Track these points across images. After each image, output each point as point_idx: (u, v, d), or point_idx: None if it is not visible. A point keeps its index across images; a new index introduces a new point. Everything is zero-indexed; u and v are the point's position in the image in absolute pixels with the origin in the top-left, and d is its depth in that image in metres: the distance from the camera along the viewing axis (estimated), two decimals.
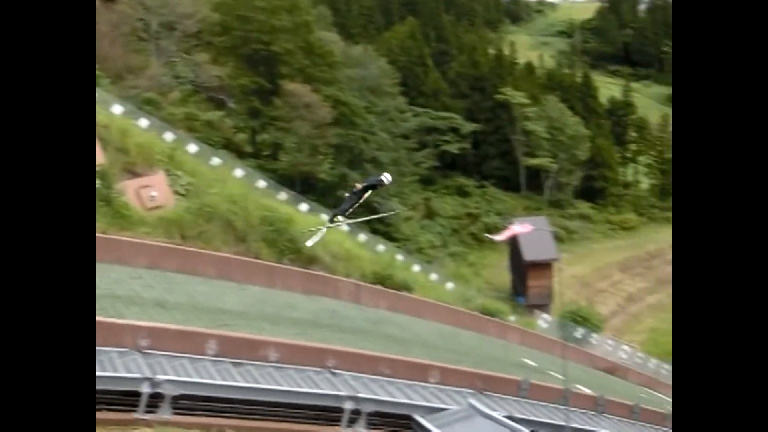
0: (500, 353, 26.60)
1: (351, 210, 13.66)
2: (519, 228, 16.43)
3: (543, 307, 53.66)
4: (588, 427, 17.46)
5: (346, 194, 13.88)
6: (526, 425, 14.12)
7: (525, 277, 57.79)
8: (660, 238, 75.96)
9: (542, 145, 73.40)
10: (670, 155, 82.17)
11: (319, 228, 15.72)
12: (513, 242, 58.41)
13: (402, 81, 72.16)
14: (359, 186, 13.85)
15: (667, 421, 21.59)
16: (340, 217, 13.92)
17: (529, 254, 55.77)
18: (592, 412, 19.03)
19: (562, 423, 15.72)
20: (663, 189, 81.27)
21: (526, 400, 17.38)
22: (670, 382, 41.59)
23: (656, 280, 71.22)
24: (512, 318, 37.11)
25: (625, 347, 47.17)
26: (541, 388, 18.27)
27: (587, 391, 21.31)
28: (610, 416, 19.34)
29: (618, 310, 65.85)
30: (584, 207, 76.61)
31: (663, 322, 66.29)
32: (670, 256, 74.48)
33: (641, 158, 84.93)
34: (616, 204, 78.87)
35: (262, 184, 36.65)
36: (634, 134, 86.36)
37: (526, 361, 25.86)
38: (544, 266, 56.05)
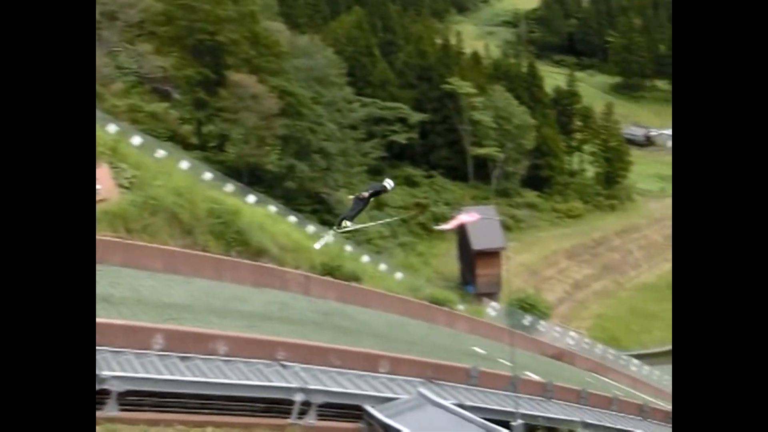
0: (449, 342, 26.76)
1: (356, 215, 14.22)
2: (466, 217, 16.52)
3: (492, 295, 54.23)
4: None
5: (350, 196, 14.35)
6: (476, 412, 14.24)
7: (473, 266, 58.28)
8: (605, 226, 77.34)
9: (489, 134, 73.93)
10: (615, 143, 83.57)
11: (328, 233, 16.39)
12: (461, 232, 58.82)
13: (349, 71, 71.94)
14: (365, 194, 14.41)
15: (614, 405, 22.00)
16: (348, 222, 14.56)
17: (477, 243, 56.26)
18: (541, 398, 19.27)
19: (512, 410, 15.87)
20: (608, 177, 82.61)
21: (475, 387, 17.51)
22: (616, 367, 42.41)
23: (602, 266, 72.53)
24: (461, 307, 37.37)
25: (572, 333, 47.94)
26: (490, 376, 18.43)
27: (536, 377, 21.57)
28: (558, 401, 19.61)
29: (565, 297, 66.87)
30: (531, 196, 77.49)
31: (609, 308, 67.63)
32: (614, 243, 75.91)
33: (586, 147, 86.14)
34: (562, 192, 79.91)
35: (208, 176, 36.24)
36: (579, 123, 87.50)
37: (476, 349, 26.07)
38: (492, 255, 56.62)
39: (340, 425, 14.19)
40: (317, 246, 17.02)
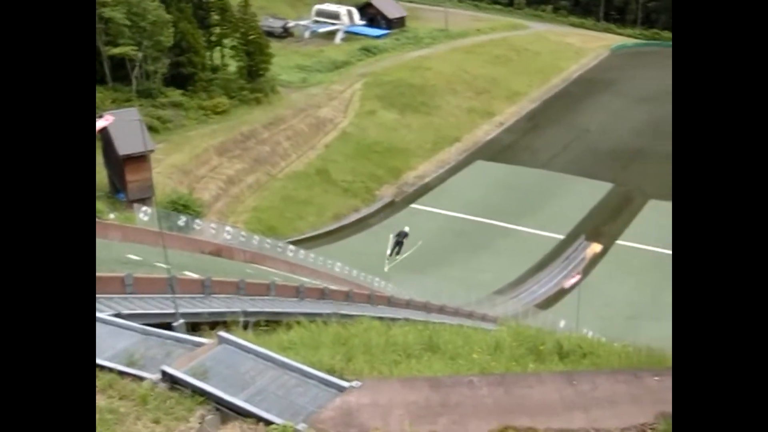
0: (102, 253, 25.64)
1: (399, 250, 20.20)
2: (101, 122, 15.62)
3: (145, 200, 52.80)
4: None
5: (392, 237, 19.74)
6: (136, 319, 14.01)
7: (122, 172, 56.08)
8: (252, 119, 78.36)
9: (123, 32, 70.02)
10: (254, 36, 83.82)
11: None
12: (105, 138, 56.07)
13: None
14: (402, 239, 21.52)
15: (272, 290, 22.93)
16: (397, 256, 18.55)
17: (123, 148, 53.98)
18: (201, 295, 19.49)
19: (172, 311, 15.86)
20: (250, 70, 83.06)
21: (132, 295, 17.20)
22: (274, 255, 44.08)
23: (253, 159, 73.78)
24: (112, 216, 36.08)
25: (229, 228, 48.65)
26: (147, 281, 18.19)
27: (194, 275, 21.68)
28: (218, 296, 19.97)
29: (220, 193, 67.28)
30: (175, 94, 75.46)
31: (263, 199, 69.46)
32: (263, 136, 77.32)
33: (226, 41, 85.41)
34: (207, 89, 78.94)
35: None
36: (216, 17, 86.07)
37: (130, 256, 25.40)
38: (140, 159, 54.67)
39: None
40: (387, 268, 23.17)
